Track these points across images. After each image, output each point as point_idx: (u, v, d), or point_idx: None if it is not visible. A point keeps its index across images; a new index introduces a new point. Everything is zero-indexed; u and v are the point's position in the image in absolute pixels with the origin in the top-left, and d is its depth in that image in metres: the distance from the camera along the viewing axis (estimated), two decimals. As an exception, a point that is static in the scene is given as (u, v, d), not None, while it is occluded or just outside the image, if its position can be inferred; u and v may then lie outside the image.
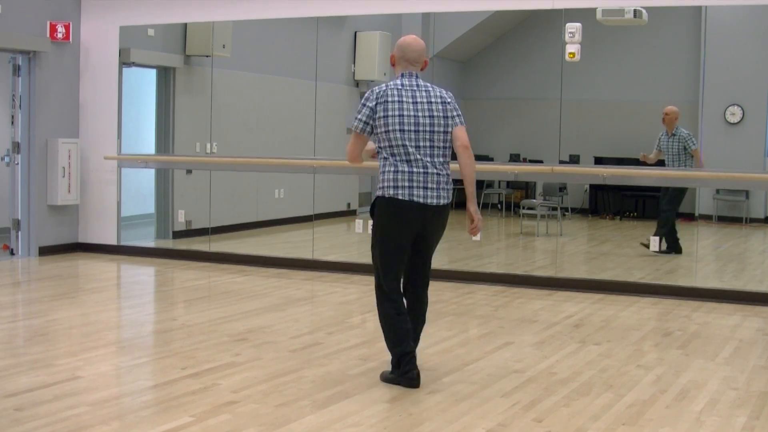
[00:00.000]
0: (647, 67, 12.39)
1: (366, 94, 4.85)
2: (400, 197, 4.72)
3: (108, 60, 9.70)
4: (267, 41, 11.00)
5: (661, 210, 9.62)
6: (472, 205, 4.89)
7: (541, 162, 11.04)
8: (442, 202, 4.79)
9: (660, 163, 9.48)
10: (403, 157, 4.73)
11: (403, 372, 4.77)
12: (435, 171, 4.75)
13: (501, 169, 9.27)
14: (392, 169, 4.74)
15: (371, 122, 4.78)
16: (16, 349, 5.60)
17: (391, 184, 4.74)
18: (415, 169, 4.72)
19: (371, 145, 4.97)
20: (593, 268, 9.47)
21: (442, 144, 4.79)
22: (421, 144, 4.74)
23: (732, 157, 11.02)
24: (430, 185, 4.74)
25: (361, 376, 4.97)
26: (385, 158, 4.78)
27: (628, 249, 10.52)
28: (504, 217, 12.79)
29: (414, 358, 4.79)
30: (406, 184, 4.72)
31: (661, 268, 9.02)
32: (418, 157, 4.73)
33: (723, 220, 11.56)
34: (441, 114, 4.79)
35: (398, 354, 4.79)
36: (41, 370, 5.00)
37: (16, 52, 9.20)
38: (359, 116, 4.79)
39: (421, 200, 4.73)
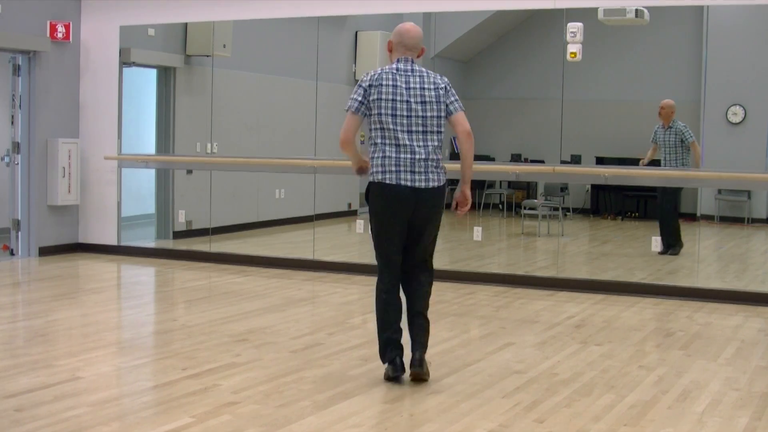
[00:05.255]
0: (648, 66, 12.37)
1: (362, 77, 4.86)
2: (387, 181, 4.76)
3: (108, 60, 9.69)
4: (268, 41, 10.98)
5: (663, 212, 9.57)
6: (467, 188, 4.94)
7: (542, 162, 11.02)
8: (431, 185, 4.79)
9: (656, 160, 9.46)
10: (392, 141, 4.75)
11: (388, 359, 4.81)
12: (424, 155, 4.77)
13: (502, 169, 9.26)
14: (381, 154, 4.78)
15: (366, 102, 4.78)
16: (16, 350, 5.58)
17: (380, 168, 4.78)
18: (402, 154, 4.74)
19: (365, 161, 4.94)
20: (595, 268, 9.46)
21: (435, 129, 4.81)
22: (413, 129, 4.77)
23: (734, 157, 11.00)
24: (417, 169, 4.75)
25: (362, 377, 4.96)
26: (375, 143, 4.82)
27: (629, 249, 10.50)
28: (505, 218, 12.77)
29: (399, 346, 4.82)
30: (393, 168, 4.75)
31: (663, 268, 9.00)
32: (407, 142, 4.75)
33: (725, 220, 11.53)
34: (434, 99, 4.80)
35: (383, 340, 4.83)
36: (41, 370, 4.99)
37: (16, 52, 9.18)
38: (354, 96, 4.81)
39: (409, 184, 4.75)
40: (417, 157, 4.75)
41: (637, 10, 7.86)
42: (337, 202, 11.58)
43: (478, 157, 11.68)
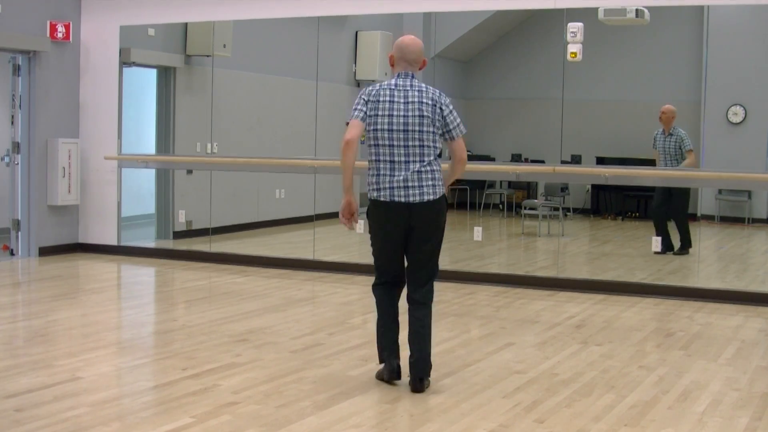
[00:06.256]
0: (649, 66, 12.37)
1: (360, 92, 4.86)
2: (381, 199, 4.76)
3: (108, 60, 9.68)
4: (268, 41, 10.97)
5: (675, 212, 9.53)
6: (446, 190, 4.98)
7: (542, 162, 11.02)
8: (426, 198, 4.76)
9: (653, 163, 9.46)
10: (387, 158, 4.75)
11: (383, 362, 4.83)
12: (418, 169, 4.75)
13: (502, 169, 9.25)
14: (375, 172, 4.78)
15: (367, 111, 4.77)
16: (16, 350, 5.58)
17: (375, 186, 4.79)
18: (396, 171, 4.73)
19: (355, 202, 4.90)
20: (595, 268, 9.45)
21: (432, 144, 4.81)
22: (410, 143, 4.75)
23: (734, 157, 11.00)
24: (411, 183, 4.74)
25: (362, 377, 4.95)
26: (370, 159, 4.81)
27: (630, 249, 10.50)
28: (505, 218, 12.77)
29: (395, 351, 4.82)
30: (387, 185, 4.74)
31: (663, 268, 9.00)
32: (402, 158, 4.73)
33: (725, 220, 11.54)
34: (431, 115, 4.79)
35: (380, 342, 4.86)
36: (41, 370, 4.99)
37: (16, 52, 9.18)
38: (358, 106, 4.79)
39: (403, 200, 4.74)
40: (412, 169, 4.73)
41: (637, 10, 7.85)
42: (337, 202, 11.43)
43: (479, 158, 11.73)
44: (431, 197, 4.77)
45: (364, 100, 4.81)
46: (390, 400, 4.57)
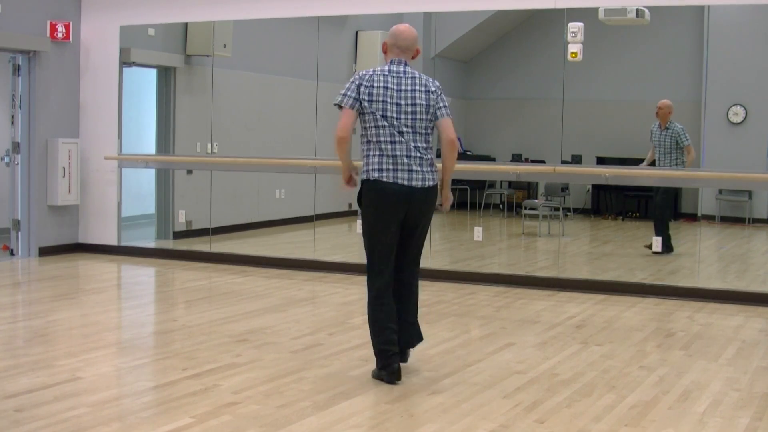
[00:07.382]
0: (649, 66, 12.38)
1: (353, 76, 4.84)
2: (384, 179, 4.75)
3: (108, 60, 9.68)
4: (268, 41, 10.97)
5: (657, 210, 9.59)
6: (447, 190, 5.01)
7: (543, 162, 11.03)
8: (427, 184, 4.80)
9: (653, 163, 9.47)
10: (388, 139, 4.75)
11: (384, 365, 4.81)
12: (418, 155, 4.78)
13: (503, 169, 9.25)
14: (376, 152, 4.77)
15: (359, 98, 4.75)
16: (16, 350, 5.57)
17: (376, 167, 4.77)
18: (398, 153, 4.75)
19: (355, 168, 4.93)
20: (595, 268, 9.45)
21: (424, 131, 4.83)
22: (404, 129, 4.78)
23: (735, 157, 11.01)
24: (415, 167, 4.76)
25: (363, 377, 4.95)
26: (368, 141, 4.80)
27: (630, 249, 10.50)
28: (506, 218, 12.77)
29: (396, 353, 4.81)
30: (390, 167, 4.74)
31: (664, 268, 9.00)
32: (402, 140, 4.75)
33: (726, 220, 11.54)
34: (424, 102, 4.81)
35: (378, 345, 4.83)
36: (41, 371, 4.98)
37: (16, 52, 9.18)
38: (347, 92, 4.77)
39: (406, 182, 4.75)
40: (412, 155, 4.76)
41: (637, 10, 7.85)
42: (337, 202, 11.57)
43: (479, 158, 11.73)
44: (430, 183, 4.83)
45: (356, 84, 4.79)
46: (390, 400, 4.56)
